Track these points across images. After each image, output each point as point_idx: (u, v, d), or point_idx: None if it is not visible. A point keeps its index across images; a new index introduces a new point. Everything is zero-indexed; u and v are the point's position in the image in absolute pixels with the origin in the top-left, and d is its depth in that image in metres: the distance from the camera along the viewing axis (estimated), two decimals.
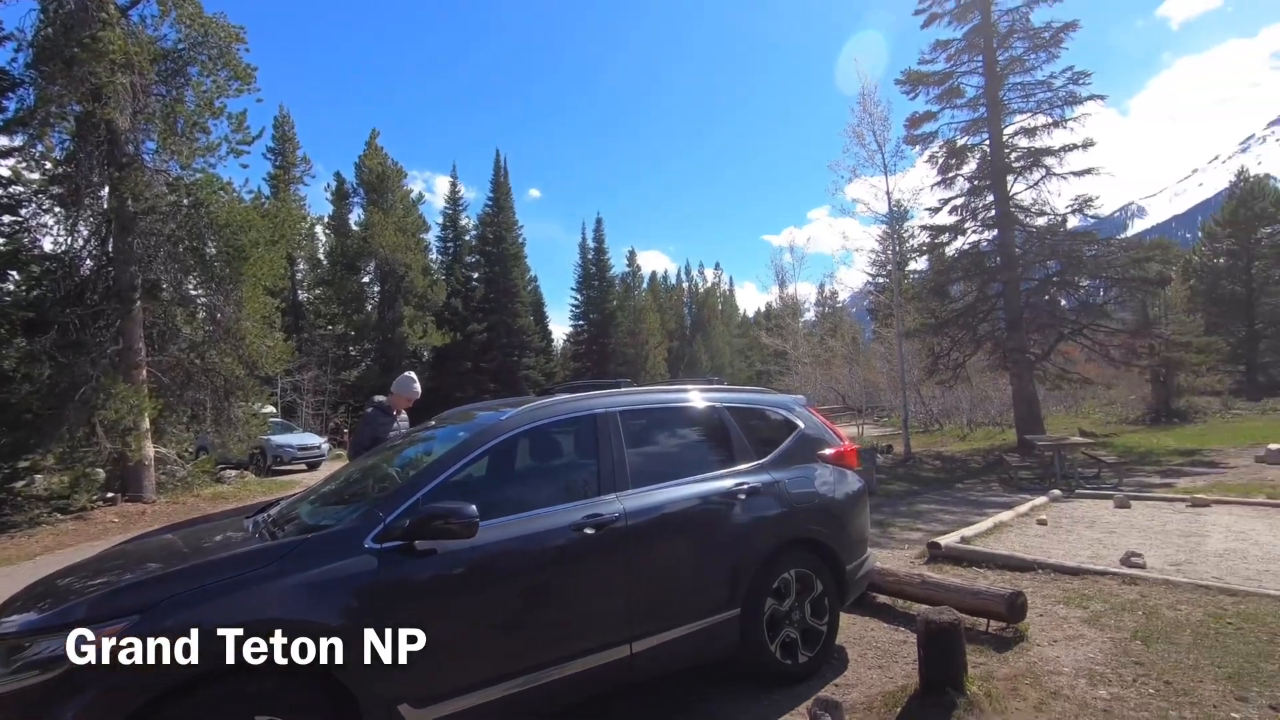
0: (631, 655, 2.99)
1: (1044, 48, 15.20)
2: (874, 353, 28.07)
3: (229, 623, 2.11)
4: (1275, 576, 5.02)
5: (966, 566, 5.68)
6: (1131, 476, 10.85)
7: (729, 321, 68.13)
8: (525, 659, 2.71)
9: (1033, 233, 15.93)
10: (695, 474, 3.48)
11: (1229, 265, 25.26)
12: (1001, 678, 3.48)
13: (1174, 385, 19.95)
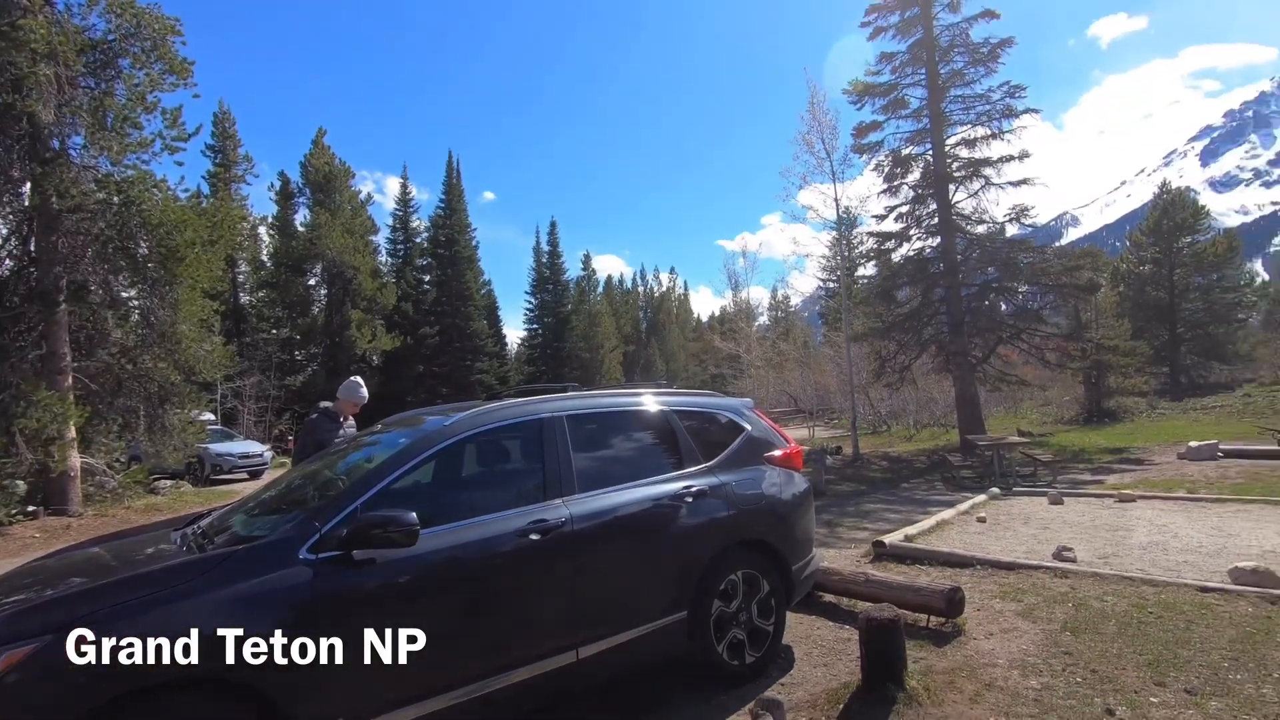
0: (578, 660, 2.97)
1: (982, 62, 15.82)
2: (825, 356, 28.68)
3: (146, 638, 2.02)
4: (1193, 567, 5.31)
5: (910, 564, 5.84)
6: (1065, 474, 11.34)
7: (684, 325, 68.57)
8: (469, 668, 2.67)
9: (973, 240, 16.54)
10: (643, 478, 3.48)
11: (1153, 273, 26.67)
12: (940, 671, 3.58)
13: (1104, 386, 20.96)
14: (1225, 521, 6.82)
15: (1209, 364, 25.09)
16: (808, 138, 15.70)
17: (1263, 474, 9.78)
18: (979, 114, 16.19)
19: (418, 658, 2.57)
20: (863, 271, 28.92)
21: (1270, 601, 4.31)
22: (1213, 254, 26.64)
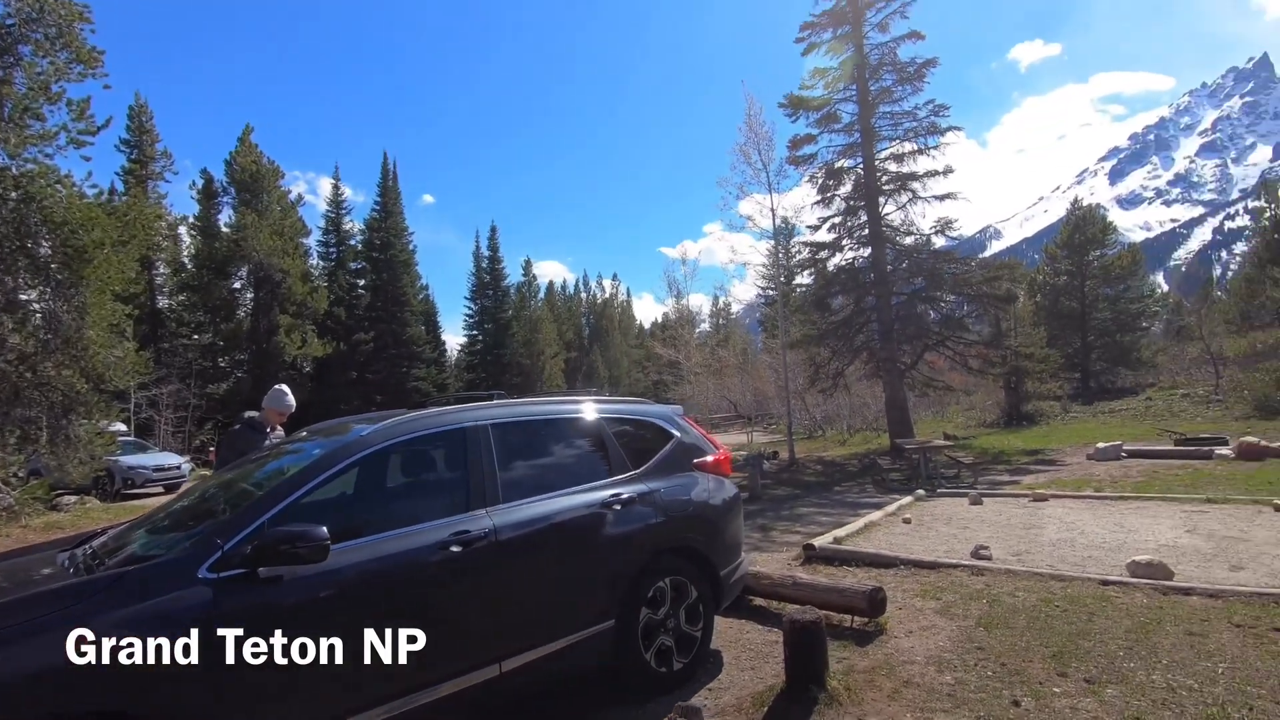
0: (501, 674, 2.92)
1: (909, 81, 16.50)
2: (763, 363, 29.25)
3: (17, 675, 1.87)
4: (1096, 562, 5.63)
5: (839, 565, 5.99)
6: (986, 475, 11.87)
7: (627, 332, 68.79)
8: (384, 687, 2.58)
9: (902, 251, 17.20)
10: (570, 486, 3.46)
11: (1066, 284, 28.32)
12: (861, 670, 3.68)
13: (1023, 391, 22.07)
14: (1126, 518, 7.26)
15: (1116, 370, 26.77)
16: (745, 149, 16.06)
17: (1160, 472, 10.48)
18: (906, 130, 16.87)
19: (329, 677, 2.47)
20: (800, 280, 29.76)
21: (1162, 593, 4.61)
22: (1119, 267, 28.50)
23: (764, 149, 15.93)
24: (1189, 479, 9.66)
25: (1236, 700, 3.09)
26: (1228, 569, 5.24)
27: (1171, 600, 4.46)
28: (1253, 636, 3.79)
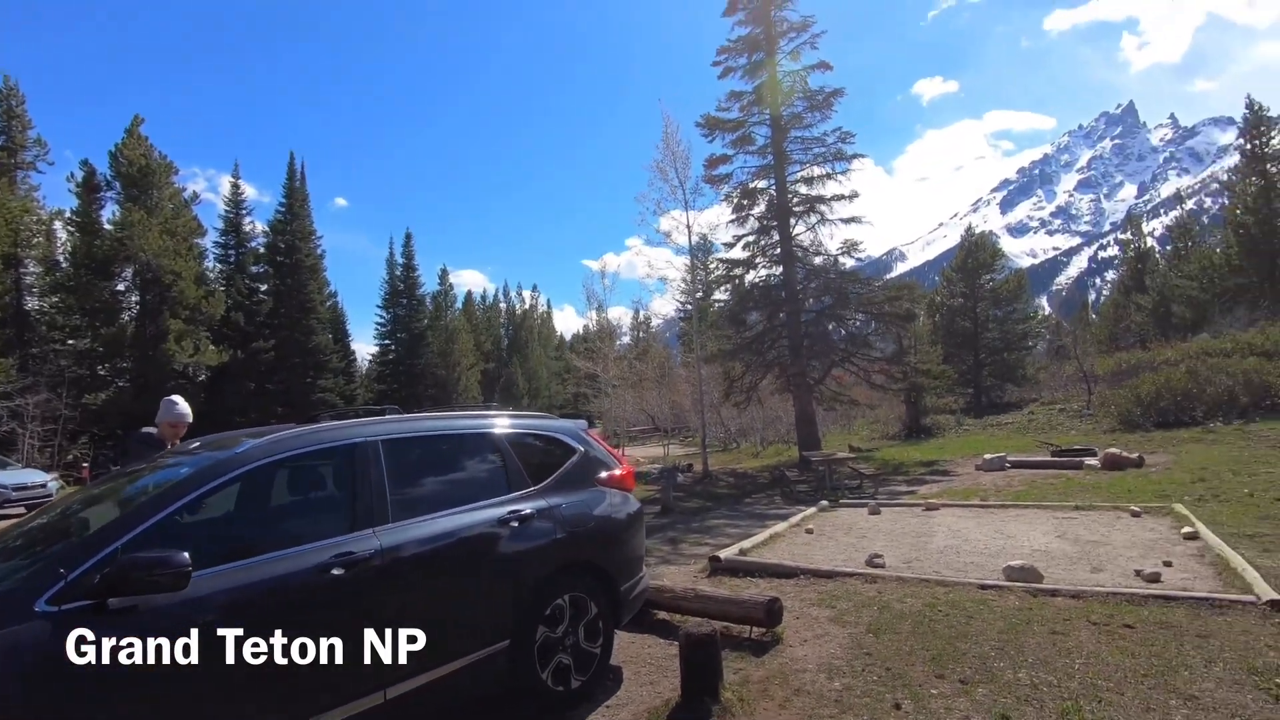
0: (386, 701, 2.79)
1: (819, 108, 17.30)
2: (680, 376, 29.64)
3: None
4: (978, 567, 6.00)
5: (743, 577, 6.11)
6: (886, 486, 12.45)
7: (547, 344, 68.19)
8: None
9: (811, 270, 17.91)
10: (466, 504, 3.38)
11: (961, 305, 30.29)
12: (756, 681, 3.76)
13: (921, 405, 23.37)
14: (1006, 525, 7.79)
15: (1004, 385, 28.77)
16: (662, 166, 16.33)
17: (1038, 481, 11.32)
18: (816, 155, 17.65)
19: (193, 715, 2.30)
20: (718, 296, 30.42)
21: (1032, 594, 4.96)
22: (1007, 290, 30.78)
23: (680, 167, 16.29)
24: (1062, 487, 10.47)
25: (1089, 693, 3.35)
26: (1089, 570, 5.70)
27: (1040, 601, 4.81)
28: (1106, 633, 4.14)
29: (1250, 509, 7.67)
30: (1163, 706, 3.18)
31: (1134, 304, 36.47)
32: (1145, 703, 3.23)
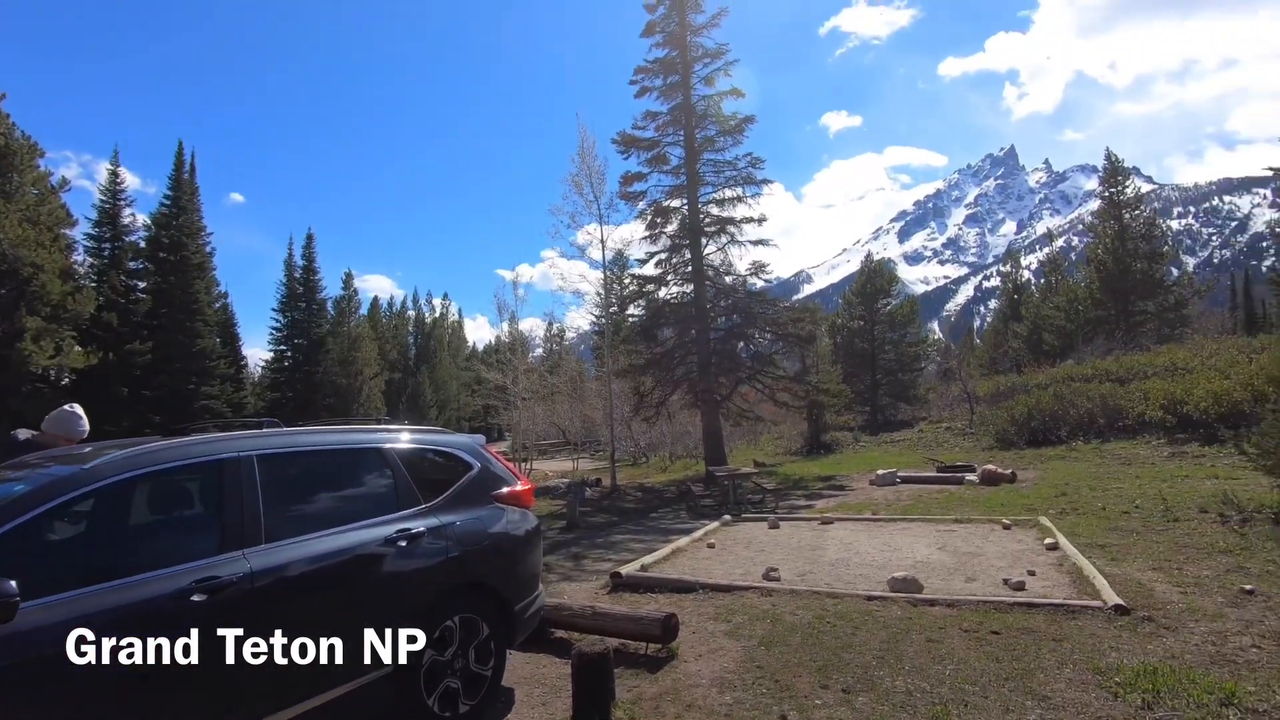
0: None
1: (731, 133, 17.88)
2: (592, 390, 29.60)
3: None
4: (865, 579, 6.27)
5: (643, 592, 6.13)
6: (786, 500, 12.86)
7: (457, 354, 66.41)
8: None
9: (721, 289, 18.39)
10: (350, 523, 3.22)
11: (860, 327, 31.91)
12: (649, 698, 3.77)
13: (822, 422, 24.35)
14: (894, 537, 8.21)
15: (898, 404, 30.44)
16: (577, 179, 16.37)
17: (925, 496, 12.02)
18: (728, 178, 18.21)
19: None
20: (632, 311, 30.64)
21: (913, 604, 5.24)
22: (902, 315, 32.69)
23: (596, 182, 16.38)
24: (945, 501, 11.16)
25: (957, 698, 3.57)
26: (964, 580, 6.08)
27: (919, 611, 5.09)
28: (975, 639, 4.42)
29: (1103, 521, 8.44)
30: (1020, 708, 3.43)
31: (1011, 331, 39.63)
32: (1005, 705, 3.47)
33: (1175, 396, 15.61)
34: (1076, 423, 17.39)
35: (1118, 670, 3.78)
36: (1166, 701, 3.39)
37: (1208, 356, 18.66)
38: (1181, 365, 18.40)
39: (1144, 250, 30.22)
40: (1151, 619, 4.66)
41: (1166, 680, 3.59)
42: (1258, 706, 3.31)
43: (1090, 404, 17.52)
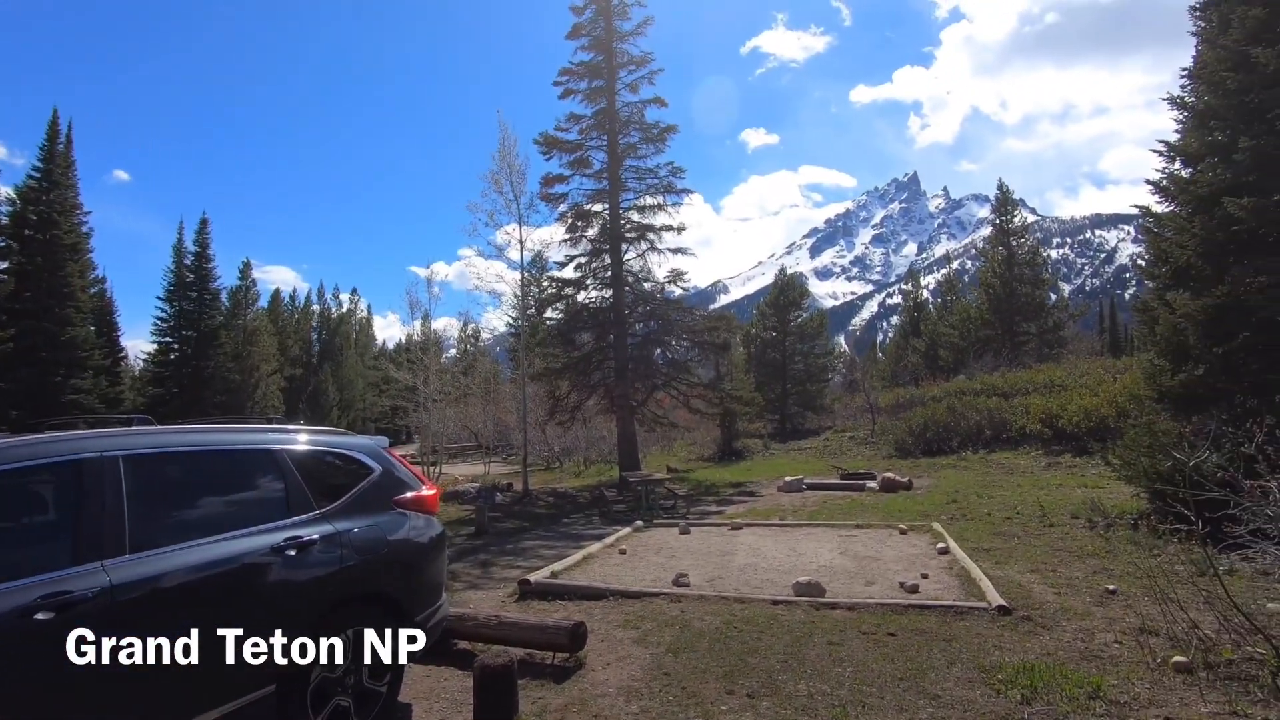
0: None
1: (653, 141, 18.04)
2: (506, 393, 29.05)
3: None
4: (772, 583, 6.41)
5: (552, 600, 6.02)
6: (698, 506, 13.02)
7: (364, 352, 63.53)
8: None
9: (639, 295, 18.48)
10: (233, 530, 2.96)
11: (772, 338, 32.92)
12: (554, 709, 3.67)
13: (734, 429, 24.89)
14: (799, 542, 8.46)
15: (805, 413, 31.55)
16: (497, 177, 16.02)
17: (829, 502, 12.47)
18: (649, 185, 18.36)
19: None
20: (550, 315, 30.29)
21: (816, 608, 5.38)
22: (812, 327, 33.95)
23: (516, 181, 16.08)
24: (848, 507, 11.61)
25: (855, 700, 3.67)
26: (864, 584, 6.32)
27: (822, 615, 5.23)
28: (873, 641, 4.58)
29: (988, 526, 9.01)
30: (913, 707, 3.56)
31: (911, 346, 41.97)
32: (900, 704, 3.60)
33: (1052, 411, 16.95)
34: (966, 434, 18.56)
35: (1000, 668, 4.01)
36: (1043, 696, 3.62)
37: (1080, 375, 20.38)
38: (1058, 383, 20.00)
39: (1028, 276, 32.73)
40: (1030, 618, 4.98)
41: (1043, 676, 3.84)
42: (1119, 698, 3.58)
43: (979, 417, 18.75)
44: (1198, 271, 8.17)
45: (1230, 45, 7.94)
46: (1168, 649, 4.21)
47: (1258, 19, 7.65)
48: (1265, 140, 7.57)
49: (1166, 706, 3.47)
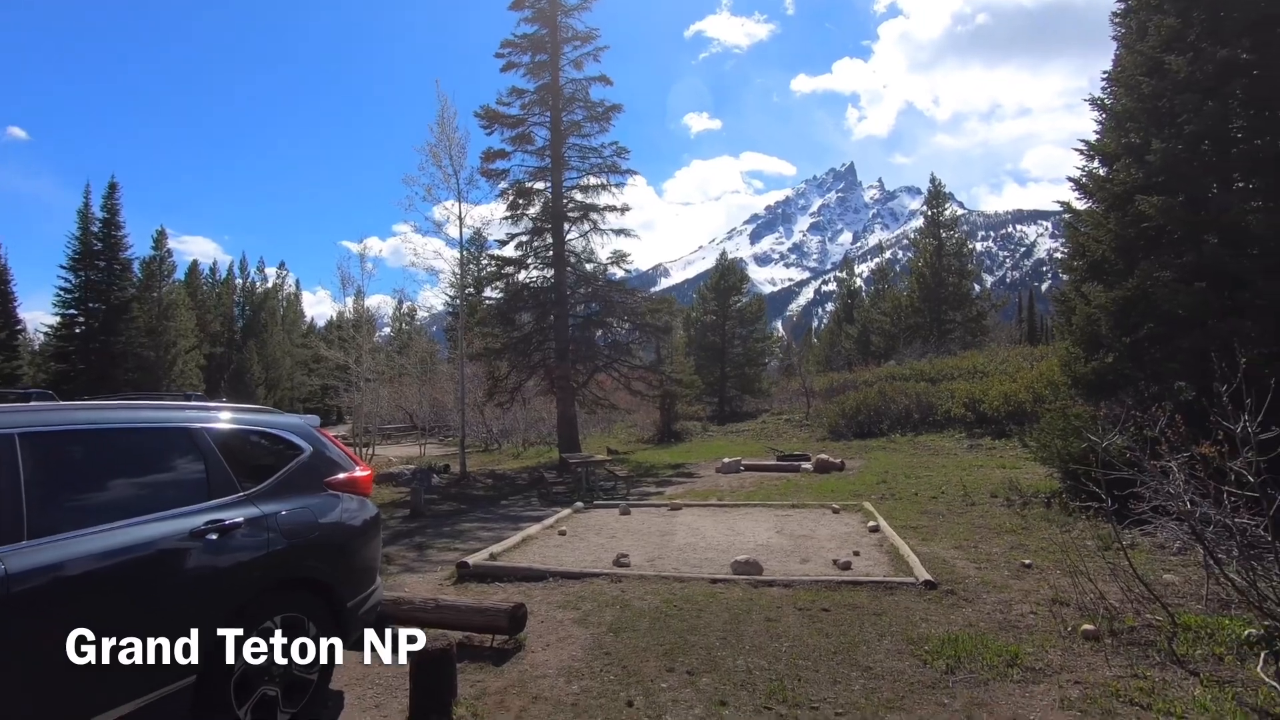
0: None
1: (598, 120, 17.82)
2: (443, 373, 28.41)
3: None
4: (711, 562, 6.50)
5: (491, 582, 5.94)
6: (637, 487, 13.10)
7: (292, 329, 60.88)
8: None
9: (581, 276, 18.31)
10: (148, 514, 2.76)
11: (712, 322, 33.31)
12: (493, 692, 3.63)
13: (673, 412, 25.13)
14: (737, 522, 8.62)
15: (743, 396, 32.15)
16: (435, 150, 15.47)
17: (765, 483, 12.76)
18: (593, 165, 18.16)
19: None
20: (489, 294, 29.72)
21: (754, 586, 5.50)
22: (751, 312, 34.54)
23: (456, 154, 15.57)
24: (783, 488, 11.91)
25: (792, 673, 3.77)
26: (799, 561, 6.49)
27: (759, 592, 5.35)
28: (808, 617, 4.71)
29: (915, 505, 9.41)
30: (846, 679, 3.68)
31: (845, 332, 43.29)
32: (834, 676, 3.71)
33: (975, 396, 17.81)
34: (896, 417, 19.30)
35: (927, 639, 4.19)
36: (966, 665, 3.80)
37: (1000, 363, 21.47)
38: (981, 369, 21.01)
39: (955, 267, 34.13)
40: (954, 592, 5.23)
41: (965, 646, 4.03)
42: (1034, 665, 3.80)
43: (908, 401, 19.51)
44: (1111, 265, 8.68)
45: (1146, 51, 8.39)
46: (1077, 618, 4.49)
47: (1171, 27, 8.10)
48: (1173, 143, 8.06)
49: (1076, 671, 3.70)
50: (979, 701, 3.37)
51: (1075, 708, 3.27)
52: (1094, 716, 3.18)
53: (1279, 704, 3.19)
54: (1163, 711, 3.19)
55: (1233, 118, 8.08)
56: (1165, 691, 3.39)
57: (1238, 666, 3.65)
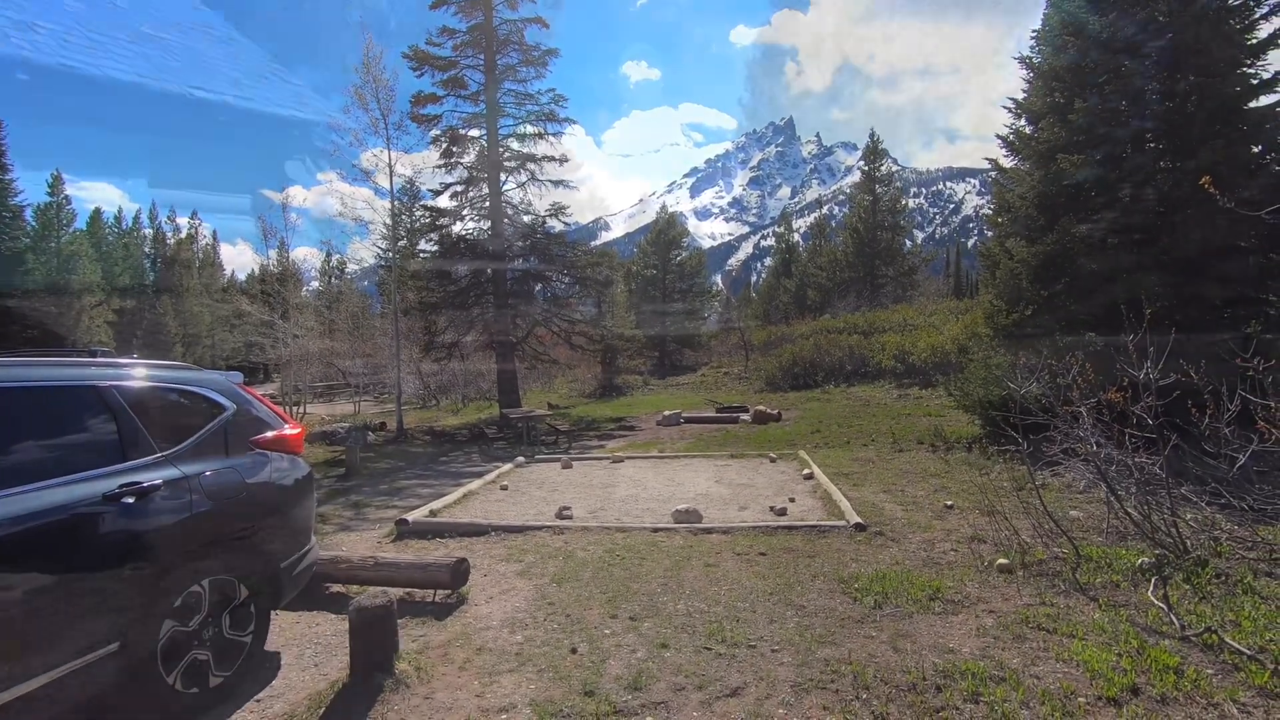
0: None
1: (534, 64, 17.14)
2: (377, 328, 27.53)
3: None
4: (652, 513, 6.62)
5: (432, 539, 5.89)
6: (579, 441, 13.15)
7: (211, 284, 57.48)
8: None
9: (519, 228, 17.86)
10: (52, 478, 2.58)
11: (653, 276, 33.31)
12: (437, 646, 3.62)
13: (614, 366, 25.21)
14: (678, 473, 8.78)
15: (684, 350, 32.51)
16: (361, 93, 14.60)
17: (705, 434, 13.02)
18: (529, 112, 17.53)
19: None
20: (423, 246, 28.67)
21: (694, 534, 5.64)
22: (691, 266, 34.65)
23: (384, 98, 14.73)
24: (723, 439, 12.19)
25: (730, 615, 3.90)
26: (738, 509, 6.69)
27: (699, 539, 5.49)
28: (746, 561, 4.88)
29: (847, 453, 9.79)
30: (781, 618, 3.85)
31: (783, 286, 44.03)
32: (770, 616, 3.87)
33: (904, 348, 18.51)
34: (830, 369, 19.92)
35: (857, 578, 4.41)
36: (892, 600, 4.03)
37: (928, 316, 22.30)
38: (910, 322, 21.79)
39: (889, 222, 34.97)
40: (882, 533, 5.50)
41: (892, 583, 4.26)
42: (954, 597, 4.05)
43: (841, 353, 20.13)
44: (1033, 221, 9.05)
45: (1071, 10, 8.61)
46: (994, 553, 4.80)
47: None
48: (1094, 103, 8.38)
49: (991, 602, 3.97)
50: (904, 633, 3.58)
51: (989, 634, 3.52)
52: (1005, 641, 3.44)
53: (1166, 623, 3.51)
54: (1065, 634, 3.46)
55: (1148, 79, 8.44)
56: (1068, 616, 3.69)
57: (1131, 591, 4.00)
